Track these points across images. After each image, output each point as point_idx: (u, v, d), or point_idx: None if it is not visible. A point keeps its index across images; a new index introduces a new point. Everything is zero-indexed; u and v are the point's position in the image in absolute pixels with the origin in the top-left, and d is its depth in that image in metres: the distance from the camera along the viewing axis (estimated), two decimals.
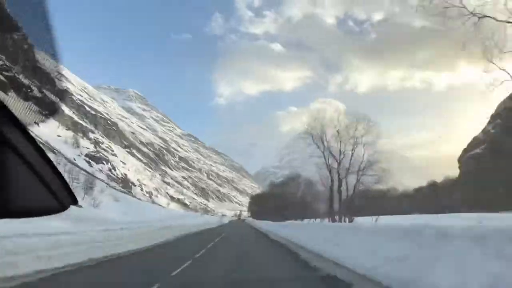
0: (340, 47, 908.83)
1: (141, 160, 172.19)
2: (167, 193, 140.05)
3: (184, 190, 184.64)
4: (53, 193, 0.88)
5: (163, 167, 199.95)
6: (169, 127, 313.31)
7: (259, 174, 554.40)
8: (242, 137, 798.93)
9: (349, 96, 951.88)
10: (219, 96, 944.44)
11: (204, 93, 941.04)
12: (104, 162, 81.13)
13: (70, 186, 0.98)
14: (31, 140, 0.80)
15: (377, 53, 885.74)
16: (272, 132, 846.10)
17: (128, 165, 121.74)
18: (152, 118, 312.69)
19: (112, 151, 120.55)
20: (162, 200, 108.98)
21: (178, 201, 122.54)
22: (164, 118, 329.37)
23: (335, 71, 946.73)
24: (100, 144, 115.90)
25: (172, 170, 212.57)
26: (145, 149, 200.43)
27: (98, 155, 77.56)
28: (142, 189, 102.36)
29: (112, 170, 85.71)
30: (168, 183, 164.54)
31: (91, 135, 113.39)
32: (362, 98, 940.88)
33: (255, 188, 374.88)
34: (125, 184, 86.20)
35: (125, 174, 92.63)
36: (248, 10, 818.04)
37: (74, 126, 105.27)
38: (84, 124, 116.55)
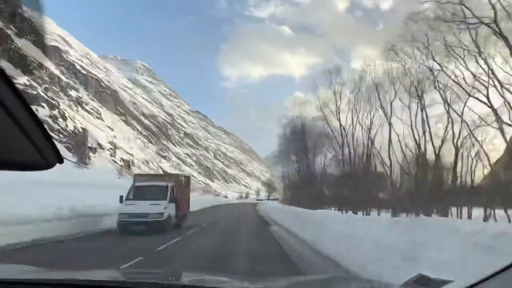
0: (350, 34, 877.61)
1: (140, 131, 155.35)
2: (160, 166, 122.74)
3: (183, 167, 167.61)
4: (38, 150, 0.84)
5: (164, 142, 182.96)
6: (177, 102, 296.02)
7: (269, 158, 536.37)
8: (251, 120, 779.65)
9: (359, 83, 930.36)
10: (226, 78, 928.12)
11: (213, 75, 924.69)
12: (44, 105, 62.26)
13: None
14: (16, 93, 0.76)
15: (387, 42, 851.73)
16: (282, 117, 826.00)
17: (117, 130, 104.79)
18: (159, 92, 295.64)
19: (99, 114, 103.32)
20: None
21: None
22: (172, 93, 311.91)
23: (345, 58, 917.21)
24: (84, 105, 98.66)
25: (175, 146, 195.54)
26: (146, 121, 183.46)
27: (30, 91, 57.82)
28: (113, 155, 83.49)
29: (60, 120, 66.84)
30: (164, 157, 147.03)
31: (73, 93, 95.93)
32: (372, 89, 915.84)
33: (264, 172, 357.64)
34: (79, 141, 67.56)
35: (82, 129, 73.67)
36: None
37: (51, 79, 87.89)
38: (65, 79, 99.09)
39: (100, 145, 77.73)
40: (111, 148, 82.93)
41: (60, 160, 0.91)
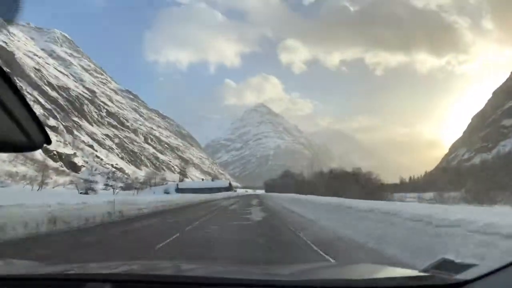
0: (282, 23, 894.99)
1: (37, 101, 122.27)
2: None
3: (98, 148, 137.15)
4: (23, 130, 0.80)
5: (76, 119, 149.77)
6: (102, 79, 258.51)
7: (209, 146, 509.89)
8: (189, 107, 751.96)
9: (288, 74, 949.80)
10: (156, 63, 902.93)
11: (145, 59, 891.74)
12: None
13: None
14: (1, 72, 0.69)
15: (318, 34, 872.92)
16: (218, 105, 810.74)
17: None
18: (81, 66, 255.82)
19: None
20: None
21: (52, 156, 77.22)
22: (97, 69, 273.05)
23: (277, 47, 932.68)
24: None
25: (92, 125, 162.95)
26: (53, 93, 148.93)
27: None
28: None
29: None
30: (55, 130, 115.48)
31: None
32: (301, 77, 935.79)
33: (204, 159, 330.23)
34: None
35: None
36: None
37: None
38: None
39: None
40: None
41: (48, 141, 0.86)
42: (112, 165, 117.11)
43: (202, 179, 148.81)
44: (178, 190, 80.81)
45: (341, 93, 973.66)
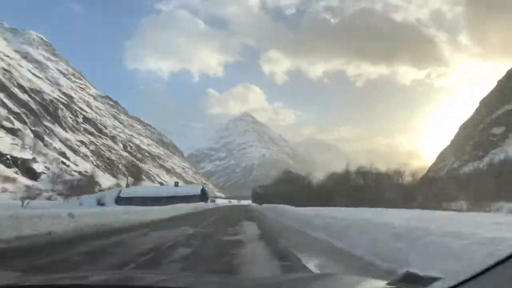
0: (264, 34, 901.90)
1: (2, 103, 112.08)
2: None
3: (71, 156, 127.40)
4: None
5: (49, 123, 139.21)
6: (81, 84, 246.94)
7: (193, 155, 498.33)
8: (172, 116, 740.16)
9: (271, 84, 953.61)
10: (137, 71, 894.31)
11: (126, 67, 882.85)
12: None
13: None
14: None
15: (300, 45, 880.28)
16: (201, 114, 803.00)
17: None
18: (59, 70, 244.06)
19: None
20: None
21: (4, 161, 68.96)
22: (76, 74, 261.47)
23: (259, 57, 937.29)
24: None
25: (66, 131, 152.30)
26: (24, 96, 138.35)
27: None
28: None
29: None
30: (13, 132, 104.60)
31: None
32: (284, 88, 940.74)
33: (187, 169, 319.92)
34: None
35: None
36: None
37: None
38: None
39: None
40: None
41: None
42: (80, 173, 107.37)
43: (161, 184, 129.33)
44: (121, 200, 57.68)
45: (324, 104, 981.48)
